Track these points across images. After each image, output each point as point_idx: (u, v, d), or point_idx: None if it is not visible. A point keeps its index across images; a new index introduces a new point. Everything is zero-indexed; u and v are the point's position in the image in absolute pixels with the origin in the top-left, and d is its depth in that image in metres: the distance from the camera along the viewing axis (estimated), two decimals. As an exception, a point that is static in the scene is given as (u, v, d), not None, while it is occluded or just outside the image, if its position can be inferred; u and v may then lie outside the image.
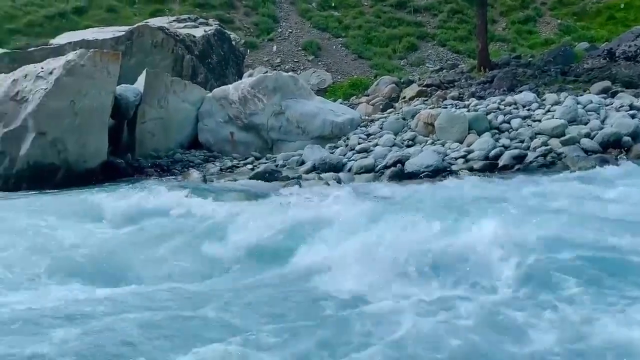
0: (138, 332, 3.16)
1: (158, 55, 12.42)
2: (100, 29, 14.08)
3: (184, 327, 3.27)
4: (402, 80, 14.23)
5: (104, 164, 9.06)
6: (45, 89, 8.48)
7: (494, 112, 9.98)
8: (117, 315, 3.41)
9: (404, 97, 12.79)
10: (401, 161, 8.62)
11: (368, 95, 13.67)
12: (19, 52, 12.57)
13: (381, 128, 10.34)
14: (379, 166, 8.73)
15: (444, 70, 15.08)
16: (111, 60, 9.07)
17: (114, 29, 13.46)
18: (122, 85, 9.73)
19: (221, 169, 9.63)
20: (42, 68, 8.79)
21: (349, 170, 8.88)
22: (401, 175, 8.35)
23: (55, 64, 8.77)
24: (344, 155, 9.41)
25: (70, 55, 8.93)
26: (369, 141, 9.81)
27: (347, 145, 9.86)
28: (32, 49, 12.93)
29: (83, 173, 8.73)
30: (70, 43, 12.12)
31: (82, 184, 8.30)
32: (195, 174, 8.96)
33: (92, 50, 9.18)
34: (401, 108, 11.72)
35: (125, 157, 9.65)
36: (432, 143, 9.42)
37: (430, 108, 10.74)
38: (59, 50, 11.23)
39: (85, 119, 8.77)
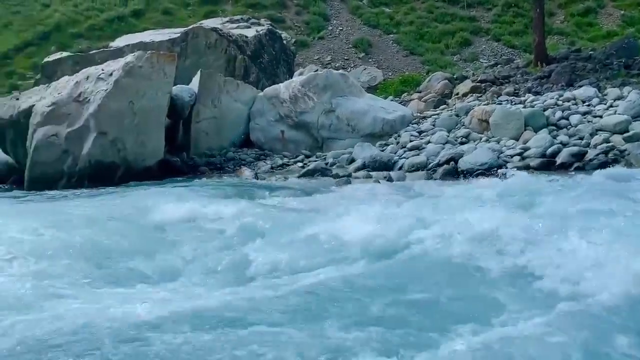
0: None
1: (212, 56, 12.69)
2: (157, 31, 14.51)
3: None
4: (455, 77, 13.95)
5: (161, 162, 9.35)
6: (106, 90, 8.82)
7: (552, 108, 9.63)
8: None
9: (457, 94, 12.53)
10: (454, 159, 8.46)
11: (420, 92, 13.47)
12: (81, 55, 13.14)
13: (433, 125, 10.17)
14: (432, 164, 8.60)
15: (499, 66, 14.70)
16: (167, 61, 9.34)
17: (170, 31, 13.85)
18: (178, 85, 10.00)
19: (272, 167, 9.74)
20: (102, 70, 9.14)
21: (400, 168, 8.79)
22: (454, 173, 8.20)
23: (115, 66, 9.10)
24: (395, 153, 9.32)
25: (129, 57, 9.25)
26: (421, 138, 9.68)
27: (398, 143, 9.76)
28: (93, 51, 13.50)
29: (141, 171, 9.03)
30: (128, 45, 12.57)
31: (140, 181, 8.59)
32: (247, 172, 9.12)
33: (149, 52, 9.48)
34: (454, 105, 11.50)
35: (180, 155, 9.93)
36: (487, 140, 9.20)
37: (484, 104, 10.49)
38: (118, 53, 11.68)
39: (144, 119, 9.07)
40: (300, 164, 9.74)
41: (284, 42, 14.67)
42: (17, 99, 9.56)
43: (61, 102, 8.86)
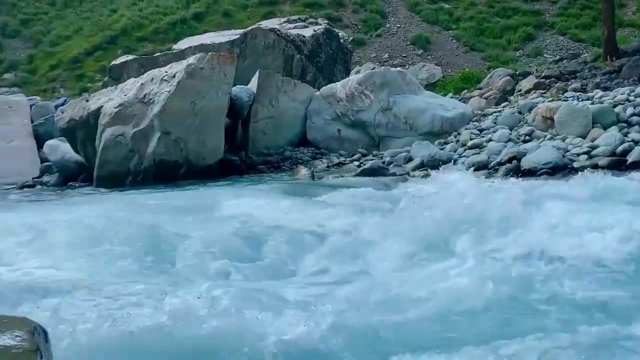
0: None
1: (270, 56, 12.87)
2: (217, 33, 14.87)
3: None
4: (517, 73, 13.55)
5: (220, 161, 9.56)
6: (169, 91, 9.10)
7: (622, 104, 9.15)
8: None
9: (520, 90, 12.16)
10: (517, 157, 8.20)
11: (481, 89, 13.17)
12: (146, 58, 13.65)
13: (495, 123, 9.89)
14: (493, 163, 8.36)
15: (565, 61, 14.14)
16: (227, 62, 9.54)
17: (230, 33, 14.16)
18: (237, 86, 10.20)
19: (328, 166, 9.77)
20: (165, 72, 9.44)
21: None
22: (517, 172, 7.94)
23: (178, 68, 9.38)
24: (455, 152, 9.13)
25: (191, 59, 9.51)
26: (482, 136, 9.43)
27: (457, 141, 9.55)
28: (157, 54, 14.00)
29: (202, 169, 9.27)
30: (190, 48, 12.94)
31: (201, 179, 8.82)
32: (303, 171, 9.19)
33: (209, 53, 9.71)
34: (517, 101, 11.15)
35: (239, 154, 10.13)
36: (552, 138, 8.85)
37: (549, 101, 10.11)
38: (181, 55, 12.04)
39: (204, 119, 9.31)
40: (356, 163, 9.71)
41: (341, 40, 14.68)
42: (87, 101, 10.01)
43: (127, 103, 9.22)
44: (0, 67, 19.45)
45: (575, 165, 7.87)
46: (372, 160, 9.53)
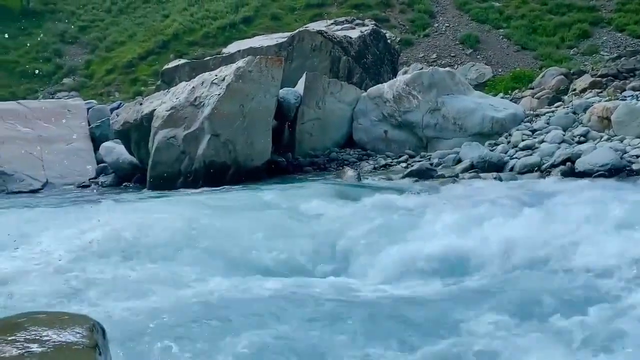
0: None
1: (316, 58, 12.92)
2: (265, 36, 15.06)
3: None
4: (572, 71, 13.09)
5: (268, 163, 9.67)
6: (219, 94, 9.27)
7: (687, 102, 8.69)
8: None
9: (574, 89, 11.74)
10: (571, 159, 7.91)
11: (533, 89, 12.80)
12: (197, 62, 13.95)
13: (548, 123, 9.58)
14: (546, 164, 8.11)
15: (623, 58, 13.52)
16: (275, 65, 9.64)
17: (278, 36, 14.31)
18: (284, 88, 10.29)
19: (375, 167, 9.71)
20: (215, 75, 9.62)
21: (511, 169, 8.38)
22: (571, 174, 7.67)
23: (227, 71, 9.54)
24: (506, 153, 8.90)
25: (240, 63, 9.66)
26: (534, 137, 9.15)
27: (509, 142, 9.31)
28: (208, 58, 14.30)
29: (250, 171, 9.39)
30: (239, 51, 13.15)
31: (249, 180, 8.94)
32: (350, 172, 9.16)
33: (258, 57, 9.84)
34: (571, 101, 10.77)
35: (286, 155, 10.22)
36: (608, 139, 8.50)
37: (605, 100, 9.72)
38: (230, 58, 12.25)
39: (253, 121, 9.43)
40: (403, 164, 9.62)
41: (388, 41, 14.59)
42: (141, 104, 10.33)
43: (179, 106, 9.45)
44: (59, 73, 20.38)
45: (634, 167, 7.53)
46: (419, 161, 9.40)
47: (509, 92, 13.44)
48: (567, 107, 10.31)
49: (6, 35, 21.70)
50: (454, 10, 20.31)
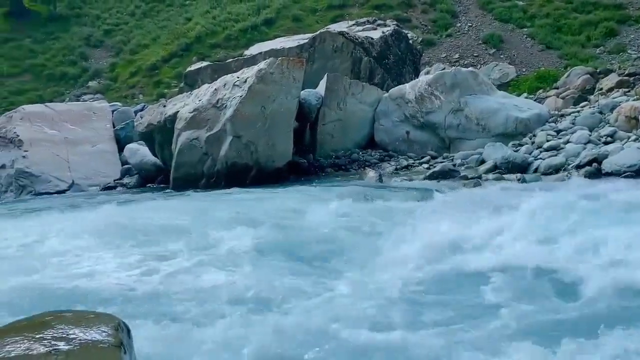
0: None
1: (338, 59, 12.91)
2: (287, 38, 15.10)
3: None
4: (598, 70, 12.84)
5: (289, 164, 9.70)
6: (241, 96, 9.34)
7: None
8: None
9: (601, 89, 11.52)
10: (597, 160, 7.76)
11: (557, 88, 12.60)
12: (219, 64, 14.07)
13: (573, 124, 9.42)
14: (571, 165, 7.97)
15: (651, 56, 13.22)
16: (296, 67, 9.67)
17: (299, 37, 14.33)
18: (306, 89, 10.31)
19: (396, 169, 9.66)
20: (237, 77, 9.69)
21: (536, 170, 8.26)
22: (597, 175, 7.52)
23: (249, 73, 9.61)
24: (530, 154, 8.77)
25: (261, 65, 9.71)
26: (559, 138, 9.01)
27: (533, 143, 9.18)
28: (229, 60, 14.40)
29: (271, 172, 9.44)
30: (261, 53, 13.21)
31: (270, 181, 8.98)
32: (371, 173, 9.14)
33: (279, 58, 9.88)
34: (597, 101, 10.57)
35: (307, 157, 10.24)
36: (637, 139, 8.30)
37: (634, 100, 9.50)
38: (252, 60, 12.32)
39: (274, 123, 9.47)
40: (425, 165, 9.55)
41: (410, 41, 14.50)
42: (164, 106, 10.46)
43: (202, 108, 9.54)
44: (85, 76, 20.74)
45: (664, 168, 7.34)
46: (442, 162, 9.33)
47: (533, 92, 13.25)
48: (594, 107, 10.12)
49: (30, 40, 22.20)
50: (477, 10, 20.11)
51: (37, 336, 1.95)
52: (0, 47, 22.15)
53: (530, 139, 9.39)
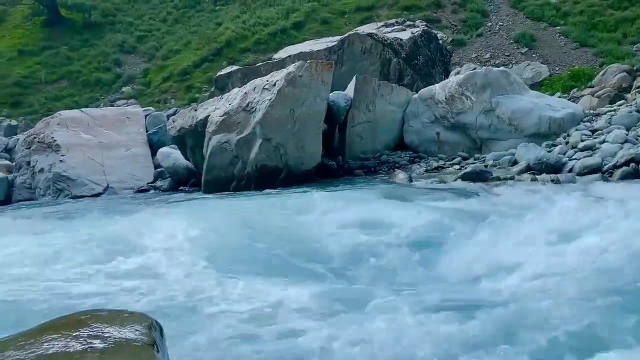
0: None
1: (367, 61, 12.89)
2: (316, 41, 15.16)
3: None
4: (635, 68, 12.49)
5: (318, 166, 9.72)
6: (270, 99, 9.41)
7: None
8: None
9: (638, 87, 11.19)
10: (635, 160, 7.53)
11: (592, 87, 12.30)
12: (249, 68, 14.22)
13: (609, 123, 9.17)
14: (607, 165, 7.76)
15: (692, 52, 12.79)
16: (325, 69, 9.69)
17: (327, 40, 14.37)
18: (334, 92, 10.32)
19: (427, 170, 9.58)
20: (267, 81, 9.77)
21: (570, 170, 8.06)
22: (635, 175, 7.31)
23: (278, 77, 9.67)
24: (564, 154, 8.57)
25: (290, 68, 9.77)
26: (595, 138, 8.78)
27: (567, 143, 8.97)
28: (259, 64, 14.53)
29: (300, 174, 9.48)
30: (290, 56, 13.30)
31: (300, 184, 9.02)
32: (401, 175, 9.07)
33: (308, 61, 9.92)
34: (635, 99, 10.26)
35: (336, 159, 10.24)
36: (677, 138, 8.05)
37: (673, 97, 9.20)
38: (281, 64, 12.41)
39: (303, 125, 9.51)
40: (457, 167, 9.44)
41: (440, 42, 14.39)
42: (195, 110, 10.62)
43: (232, 111, 9.65)
44: (119, 81, 21.23)
45: None
46: (473, 163, 9.20)
47: (567, 91, 12.96)
48: (631, 105, 9.84)
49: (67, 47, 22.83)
50: (508, 9, 19.79)
51: (74, 334, 2.01)
52: (38, 54, 22.85)
53: (564, 139, 9.18)
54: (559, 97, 11.92)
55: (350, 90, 10.62)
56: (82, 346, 1.94)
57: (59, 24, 24.54)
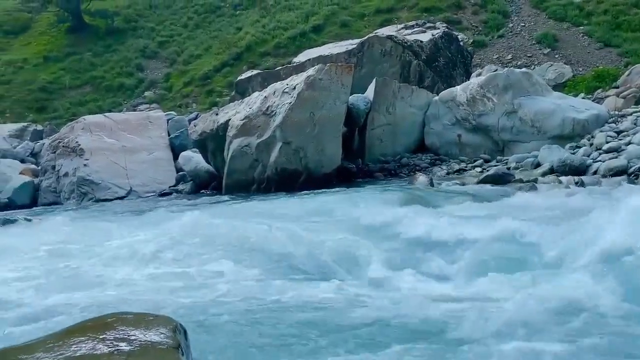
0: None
1: (387, 63, 12.85)
2: (335, 44, 15.16)
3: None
4: (661, 67, 12.24)
5: (338, 169, 9.72)
6: (290, 103, 9.45)
7: None
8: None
9: (665, 87, 10.97)
10: (662, 161, 7.38)
11: (617, 88, 12.08)
12: (268, 72, 14.28)
13: (635, 124, 9.01)
14: (633, 168, 7.61)
15: None
16: (345, 72, 9.69)
17: (347, 43, 14.36)
18: (354, 94, 10.32)
19: (448, 173, 9.51)
20: (287, 84, 9.81)
21: (595, 172, 7.94)
22: (662, 178, 7.15)
23: (298, 80, 9.70)
24: (588, 156, 8.44)
25: (310, 71, 9.79)
26: (620, 139, 8.62)
27: (591, 145, 8.83)
28: (279, 68, 14.60)
29: (320, 177, 9.49)
30: (309, 60, 13.32)
31: (320, 187, 9.01)
32: (421, 178, 9.01)
33: (328, 64, 9.93)
34: (661, 99, 10.07)
35: (356, 162, 10.23)
36: None
37: (702, 97, 8.99)
38: (301, 67, 12.44)
39: (323, 128, 9.52)
40: (478, 169, 9.35)
41: (461, 43, 14.28)
42: (216, 114, 10.70)
43: (252, 115, 9.71)
44: (141, 86, 21.53)
45: None
46: (495, 166, 9.11)
47: (591, 92, 12.76)
48: (658, 105, 9.65)
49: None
50: (530, 9, 19.58)
51: (101, 337, 2.04)
52: (62, 60, 23.30)
53: (589, 140, 9.04)
54: (583, 98, 11.74)
55: (370, 92, 10.60)
56: (109, 348, 1.97)
57: (82, 31, 25.00)
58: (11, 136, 14.60)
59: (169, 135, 12.44)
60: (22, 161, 12.97)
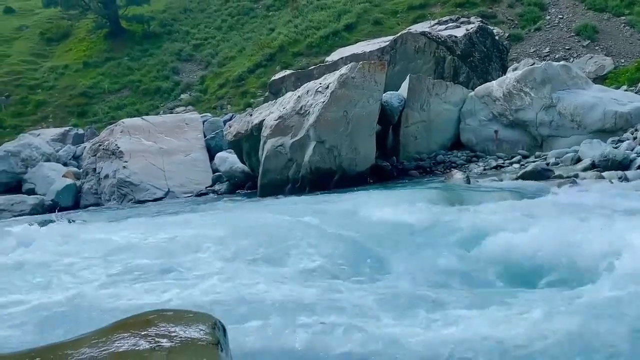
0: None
1: (420, 60, 12.72)
2: (368, 42, 15.10)
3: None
4: None
5: (372, 167, 9.68)
6: (323, 102, 9.45)
7: None
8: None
9: None
10: None
11: (662, 79, 11.65)
12: (301, 72, 14.32)
13: (682, 116, 8.67)
14: (680, 161, 7.33)
15: None
16: (378, 70, 9.64)
17: (380, 40, 14.28)
18: (388, 92, 10.25)
19: (485, 169, 9.34)
20: (320, 84, 9.83)
21: (639, 167, 7.67)
22: None
23: (331, 79, 9.71)
24: (632, 150, 8.16)
25: (343, 70, 9.78)
26: (666, 132, 8.33)
27: (635, 139, 8.54)
28: (312, 67, 14.63)
29: (354, 176, 9.46)
30: (342, 58, 13.30)
31: (354, 185, 9.00)
32: (457, 175, 8.88)
33: (361, 62, 9.89)
34: None
35: (390, 160, 10.16)
36: None
37: None
38: (334, 66, 12.43)
39: (356, 127, 9.50)
40: (516, 165, 9.17)
41: (496, 37, 14.00)
42: (251, 115, 10.80)
43: (286, 115, 9.76)
44: (177, 89, 21.94)
45: None
46: (534, 162, 8.90)
47: (634, 84, 12.35)
48: None
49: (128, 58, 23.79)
50: (568, 1, 19.07)
51: (142, 333, 2.09)
52: (101, 66, 23.96)
53: (632, 134, 8.75)
54: (625, 90, 11.36)
55: (403, 90, 10.52)
56: (150, 345, 2.02)
57: (120, 36, 25.65)
58: (54, 140, 15.09)
59: (204, 136, 12.64)
60: (65, 164, 13.41)
